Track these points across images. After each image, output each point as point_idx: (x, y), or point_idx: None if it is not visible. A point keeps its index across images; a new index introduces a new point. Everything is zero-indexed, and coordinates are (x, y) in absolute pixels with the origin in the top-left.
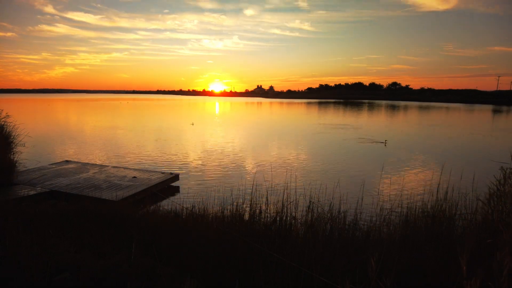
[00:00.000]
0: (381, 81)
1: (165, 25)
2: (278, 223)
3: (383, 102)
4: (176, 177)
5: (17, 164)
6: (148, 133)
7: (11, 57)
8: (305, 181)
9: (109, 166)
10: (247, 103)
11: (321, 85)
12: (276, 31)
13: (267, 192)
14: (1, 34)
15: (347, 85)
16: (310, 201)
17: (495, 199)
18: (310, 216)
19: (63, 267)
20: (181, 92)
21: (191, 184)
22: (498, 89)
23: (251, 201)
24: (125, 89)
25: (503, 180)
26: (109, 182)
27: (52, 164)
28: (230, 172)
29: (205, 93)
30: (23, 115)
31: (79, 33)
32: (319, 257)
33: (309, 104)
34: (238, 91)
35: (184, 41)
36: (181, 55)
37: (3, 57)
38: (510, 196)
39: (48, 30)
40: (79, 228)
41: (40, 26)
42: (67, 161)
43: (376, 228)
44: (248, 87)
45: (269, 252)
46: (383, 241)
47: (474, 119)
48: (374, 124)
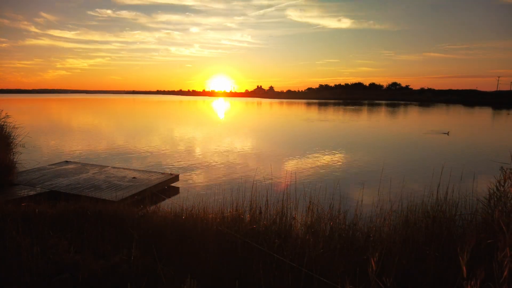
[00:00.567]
0: (381, 81)
1: (134, 38)
2: (278, 223)
3: (383, 102)
4: (176, 177)
5: (16, 165)
6: (160, 135)
7: (8, 62)
8: (305, 182)
9: (109, 166)
10: (247, 102)
11: (321, 85)
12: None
13: (267, 192)
14: None
15: (347, 85)
16: (310, 201)
17: (495, 199)
18: (310, 216)
19: (63, 268)
20: (181, 93)
21: (191, 185)
22: (498, 90)
23: (251, 201)
24: (125, 90)
25: (503, 180)
26: (109, 183)
27: (52, 164)
28: (230, 172)
29: (205, 93)
30: (23, 115)
31: (62, 44)
32: (319, 257)
33: (309, 104)
34: (238, 91)
35: (156, 49)
36: (160, 60)
37: (1, 63)
38: (510, 196)
39: (35, 43)
40: (79, 229)
41: (28, 40)
42: (66, 162)
43: (376, 228)
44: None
45: (269, 253)
46: (383, 241)
47: (474, 120)
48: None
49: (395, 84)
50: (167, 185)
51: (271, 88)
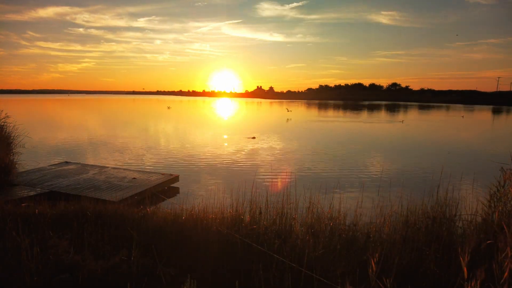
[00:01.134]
0: (381, 81)
1: (111, 48)
2: (278, 223)
3: (383, 102)
4: (176, 178)
5: (16, 165)
6: (157, 135)
7: (6, 67)
8: (305, 182)
9: (109, 167)
10: (247, 102)
11: (320, 86)
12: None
13: (267, 193)
14: None
15: (347, 85)
16: (310, 201)
17: (495, 200)
18: (310, 217)
19: (63, 268)
20: (181, 93)
21: (191, 185)
22: (498, 90)
23: (251, 202)
24: (125, 90)
25: (503, 181)
26: (109, 183)
27: (52, 165)
28: (230, 173)
29: (205, 93)
30: (23, 115)
31: (50, 52)
32: (319, 257)
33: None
34: (238, 92)
35: (135, 56)
36: (143, 64)
37: (0, 68)
38: (511, 197)
39: (28, 51)
40: (78, 229)
41: (21, 49)
42: (66, 162)
43: (376, 229)
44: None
45: (269, 253)
46: (383, 242)
47: (474, 120)
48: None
49: (395, 84)
50: (167, 186)
51: (271, 88)
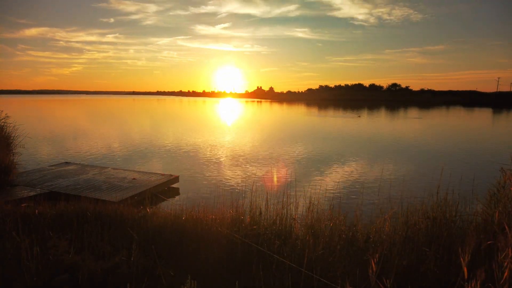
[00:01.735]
0: (381, 82)
1: (94, 56)
2: (278, 224)
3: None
4: (176, 178)
5: (17, 166)
6: (157, 135)
7: (4, 72)
8: (305, 182)
9: (109, 167)
10: (247, 102)
11: (320, 86)
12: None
13: (267, 193)
14: None
15: (347, 86)
16: (310, 202)
17: (495, 200)
18: (310, 217)
19: (62, 268)
20: (181, 93)
21: (191, 186)
22: (498, 90)
23: (251, 202)
24: (124, 91)
25: (503, 182)
26: (108, 184)
27: (52, 165)
28: (231, 173)
29: (204, 94)
30: (23, 115)
31: (41, 59)
32: (319, 258)
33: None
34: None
35: (119, 62)
36: (129, 68)
37: None
38: (511, 197)
39: (22, 59)
40: (78, 229)
41: (16, 57)
42: (66, 163)
43: (376, 229)
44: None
45: (269, 253)
46: (383, 242)
47: (473, 121)
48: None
49: (395, 85)
50: (167, 186)
51: (271, 89)
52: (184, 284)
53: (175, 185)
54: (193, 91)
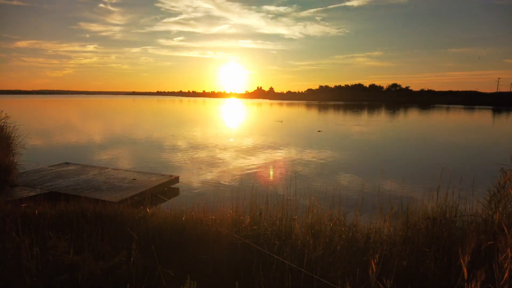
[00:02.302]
0: (381, 82)
1: (84, 61)
2: (278, 224)
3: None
4: (176, 179)
5: (16, 166)
6: (154, 135)
7: (3, 74)
8: (305, 183)
9: (109, 168)
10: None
11: (320, 86)
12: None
13: (267, 193)
14: None
15: (347, 86)
16: (310, 202)
17: (496, 201)
18: (310, 217)
19: (62, 268)
20: (181, 94)
21: (191, 186)
22: (498, 91)
23: (251, 203)
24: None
25: (503, 182)
26: (108, 184)
27: (52, 166)
28: (231, 174)
29: (204, 94)
30: (23, 115)
31: (35, 64)
32: (319, 258)
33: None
34: (238, 92)
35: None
36: (118, 70)
37: None
38: (511, 198)
39: (18, 64)
40: (78, 229)
41: (12, 63)
42: (66, 163)
43: (376, 229)
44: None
45: (269, 254)
46: (383, 242)
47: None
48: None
49: (395, 85)
50: (167, 187)
51: (271, 89)
52: (184, 284)
53: (175, 186)
54: (193, 91)
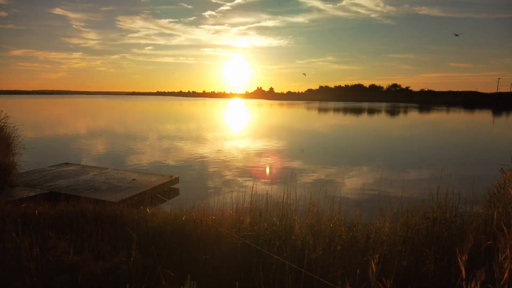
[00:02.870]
0: (381, 82)
1: (71, 66)
2: (278, 225)
3: (383, 104)
4: (176, 179)
5: (16, 166)
6: (157, 135)
7: (3, 75)
8: (305, 183)
9: (108, 168)
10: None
11: (321, 87)
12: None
13: (267, 194)
14: None
15: (347, 86)
16: (310, 202)
17: (495, 201)
18: (310, 217)
19: (62, 269)
20: (181, 94)
21: (191, 187)
22: (498, 91)
23: (251, 203)
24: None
25: (503, 182)
26: (108, 184)
27: (52, 166)
28: (231, 174)
29: (204, 94)
30: (22, 115)
31: (30, 68)
32: (319, 258)
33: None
34: (238, 93)
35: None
36: (110, 72)
37: None
38: (510, 198)
39: (16, 67)
40: (78, 229)
41: (10, 67)
42: (66, 163)
43: (376, 229)
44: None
45: (269, 254)
46: (383, 242)
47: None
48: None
49: (395, 85)
50: (167, 187)
51: (271, 89)
52: (183, 284)
53: (175, 186)
54: (193, 91)
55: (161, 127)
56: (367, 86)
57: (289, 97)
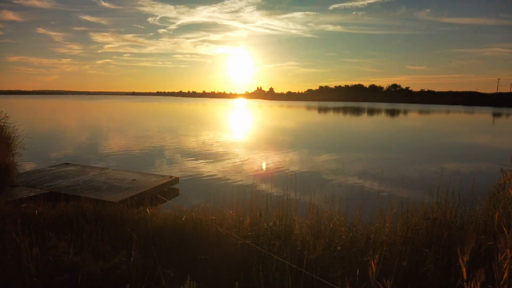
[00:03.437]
0: (381, 83)
1: (65, 70)
2: (278, 225)
3: (383, 105)
4: (176, 180)
5: (16, 166)
6: (153, 135)
7: (2, 76)
8: (305, 183)
9: (108, 168)
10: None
11: (320, 87)
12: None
13: (267, 194)
14: None
15: (346, 86)
16: (310, 202)
17: (495, 201)
18: (310, 218)
19: (62, 269)
20: (181, 94)
21: (191, 187)
22: (498, 91)
23: (251, 203)
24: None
25: (503, 182)
26: (108, 184)
27: (52, 166)
28: (231, 174)
29: (204, 94)
30: (23, 115)
31: (28, 71)
32: (319, 259)
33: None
34: (238, 93)
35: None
36: (104, 74)
37: None
38: (510, 198)
39: (13, 70)
40: (78, 230)
41: (8, 70)
42: (66, 164)
43: (376, 230)
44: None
45: (269, 254)
46: (383, 243)
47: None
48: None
49: (395, 86)
50: (167, 187)
51: (271, 89)
52: (183, 284)
53: (175, 186)
54: (193, 91)
55: (161, 127)
56: (367, 86)
57: (289, 98)
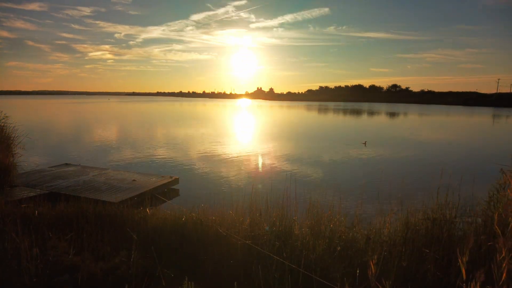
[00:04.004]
0: (381, 83)
1: (59, 73)
2: (278, 225)
3: (383, 105)
4: (175, 180)
5: (16, 166)
6: (158, 136)
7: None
8: (305, 183)
9: (108, 169)
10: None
11: (321, 87)
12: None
13: (267, 194)
14: None
15: (346, 87)
16: (310, 203)
17: (495, 201)
18: (310, 218)
19: (62, 269)
20: (181, 94)
21: (191, 187)
22: (498, 91)
23: (251, 204)
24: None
25: (503, 183)
26: (108, 185)
27: (52, 166)
28: (231, 175)
29: (205, 95)
30: (22, 115)
31: (25, 73)
32: (319, 259)
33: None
34: (238, 93)
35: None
36: (99, 76)
37: None
38: (510, 198)
39: (11, 72)
40: (78, 230)
41: (7, 73)
42: (67, 164)
43: (376, 230)
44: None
45: (269, 254)
46: (383, 243)
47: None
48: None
49: (395, 86)
50: (167, 188)
51: (271, 90)
52: (183, 285)
53: (175, 187)
54: (193, 92)
55: (161, 127)
56: (367, 87)
57: (289, 98)
